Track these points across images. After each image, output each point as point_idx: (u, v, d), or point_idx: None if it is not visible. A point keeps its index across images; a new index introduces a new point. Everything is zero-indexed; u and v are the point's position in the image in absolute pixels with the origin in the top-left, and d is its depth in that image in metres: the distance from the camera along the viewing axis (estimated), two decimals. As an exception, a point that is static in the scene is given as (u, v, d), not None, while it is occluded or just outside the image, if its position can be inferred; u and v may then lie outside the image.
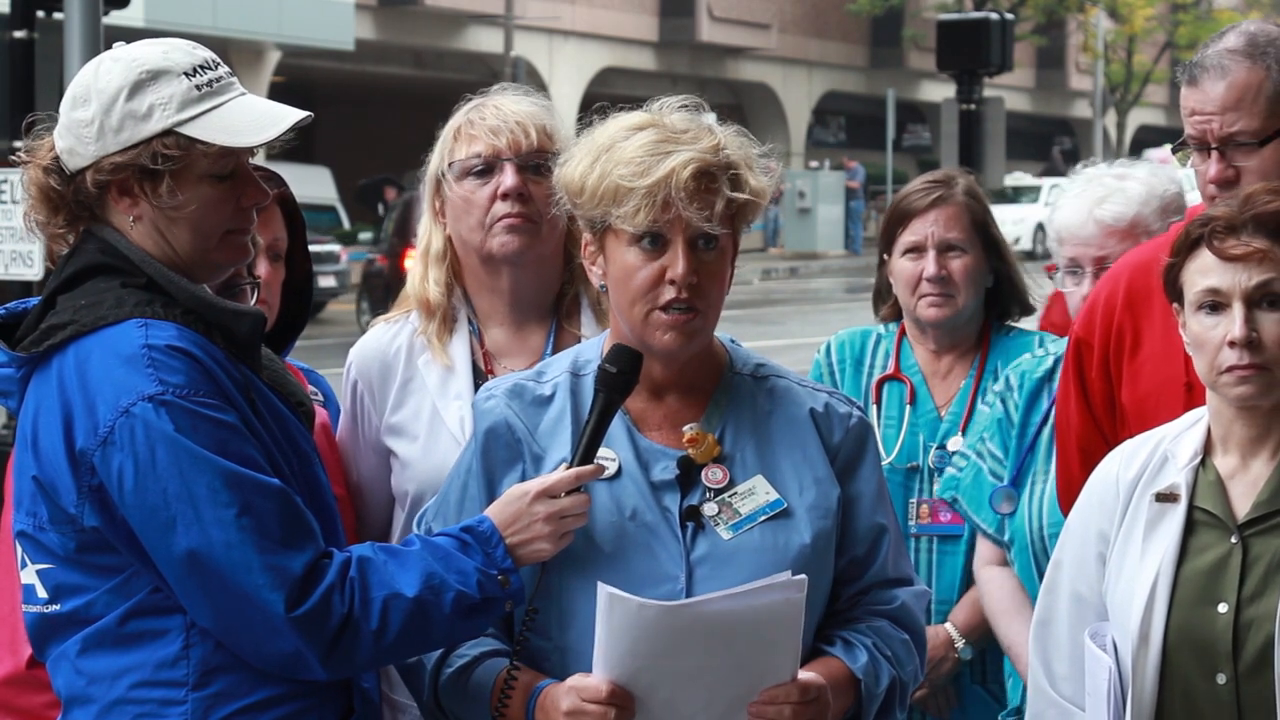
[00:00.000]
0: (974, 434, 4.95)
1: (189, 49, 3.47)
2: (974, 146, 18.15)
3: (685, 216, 3.47)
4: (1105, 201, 4.82)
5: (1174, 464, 3.63)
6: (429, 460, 4.25)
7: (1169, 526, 3.58)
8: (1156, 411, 4.11)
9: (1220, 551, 3.55)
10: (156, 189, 3.40)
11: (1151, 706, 3.54)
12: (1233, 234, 3.53)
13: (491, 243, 4.29)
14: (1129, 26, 53.16)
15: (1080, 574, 3.70)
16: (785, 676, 3.43)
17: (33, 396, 3.40)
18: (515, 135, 4.28)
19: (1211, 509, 3.57)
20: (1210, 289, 3.55)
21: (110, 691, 3.36)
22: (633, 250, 3.52)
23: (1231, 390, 3.53)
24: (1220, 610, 3.51)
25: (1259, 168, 4.10)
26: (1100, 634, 3.62)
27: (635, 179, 3.47)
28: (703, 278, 3.51)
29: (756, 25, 49.15)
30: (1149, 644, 3.54)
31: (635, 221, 3.48)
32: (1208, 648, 3.51)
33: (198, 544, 3.26)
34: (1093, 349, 4.36)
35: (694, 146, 3.50)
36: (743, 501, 3.57)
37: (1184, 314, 3.63)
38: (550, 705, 3.45)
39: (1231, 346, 3.51)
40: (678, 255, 3.49)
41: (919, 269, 5.09)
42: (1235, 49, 4.12)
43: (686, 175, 3.47)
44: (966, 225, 5.11)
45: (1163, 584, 3.55)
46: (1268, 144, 4.10)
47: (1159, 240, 4.45)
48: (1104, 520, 3.67)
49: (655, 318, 3.52)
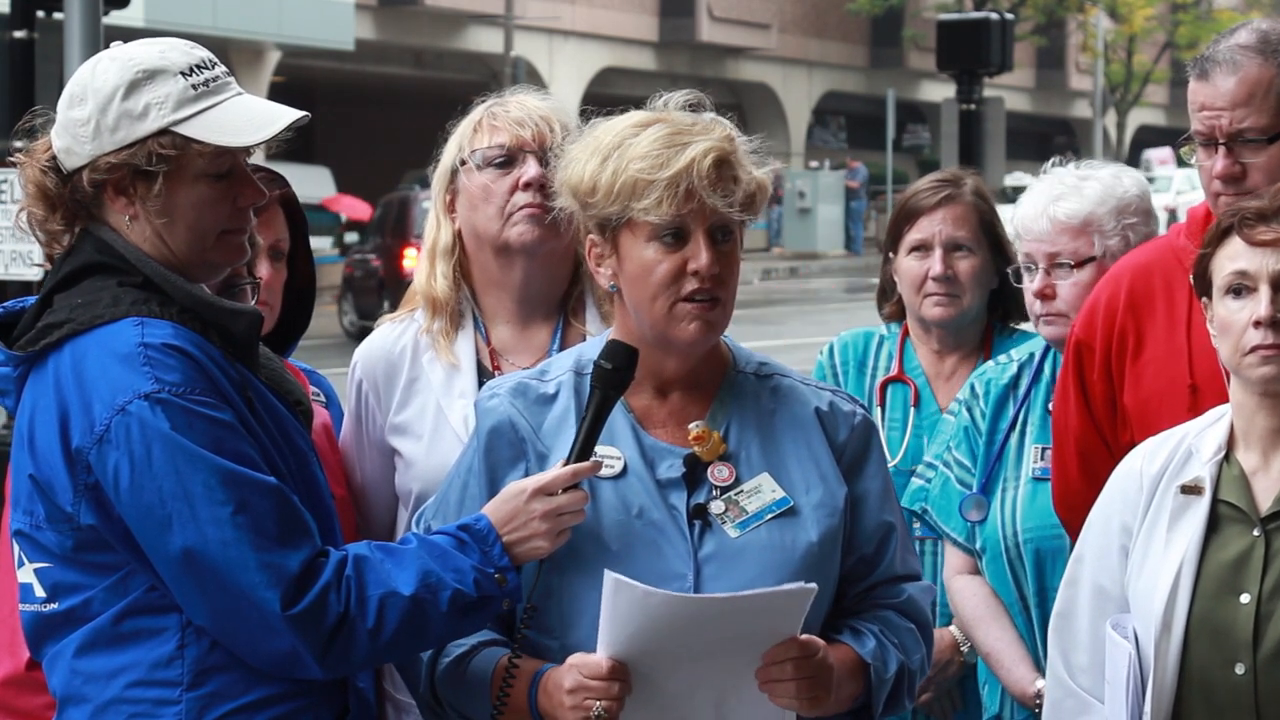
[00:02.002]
0: (939, 444, 4.94)
1: (186, 48, 3.46)
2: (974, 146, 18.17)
3: (710, 204, 3.49)
4: (1061, 199, 4.81)
5: (1198, 458, 3.67)
6: (433, 459, 4.24)
7: (1193, 518, 3.62)
8: (1160, 413, 4.11)
9: (1243, 544, 3.59)
10: (153, 188, 3.39)
11: (1171, 695, 3.58)
12: (1263, 221, 3.60)
13: (510, 232, 4.29)
14: (1129, 26, 53.18)
15: (1102, 566, 3.73)
16: None
17: (29, 395, 3.39)
18: (540, 129, 4.30)
19: (1235, 502, 3.61)
20: (1238, 271, 3.60)
21: (105, 691, 3.35)
22: (652, 245, 3.52)
23: (1255, 371, 3.57)
24: (1243, 601, 3.55)
25: (1266, 165, 4.10)
26: (1122, 625, 3.66)
27: (655, 171, 3.48)
28: (722, 268, 3.53)
29: (756, 25, 49.16)
30: (1171, 633, 3.57)
31: (659, 212, 3.48)
32: (1228, 637, 3.55)
33: (194, 542, 3.25)
34: (1094, 351, 4.35)
35: (709, 136, 3.53)
36: (749, 499, 3.57)
37: (1211, 305, 3.67)
38: (553, 686, 3.46)
39: (1257, 327, 3.56)
40: (700, 246, 3.51)
41: (925, 268, 5.07)
42: (1248, 45, 4.12)
43: (708, 164, 3.49)
44: (974, 225, 5.10)
45: (1186, 574, 3.58)
46: (1276, 141, 4.09)
47: (1159, 242, 4.45)
48: (1127, 513, 3.71)
49: (680, 309, 3.53)
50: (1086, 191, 4.81)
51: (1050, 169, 4.97)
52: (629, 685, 3.41)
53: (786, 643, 3.42)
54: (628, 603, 3.35)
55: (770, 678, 3.43)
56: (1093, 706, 3.71)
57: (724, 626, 3.40)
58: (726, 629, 3.40)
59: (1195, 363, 4.18)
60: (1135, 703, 3.59)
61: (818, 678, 3.45)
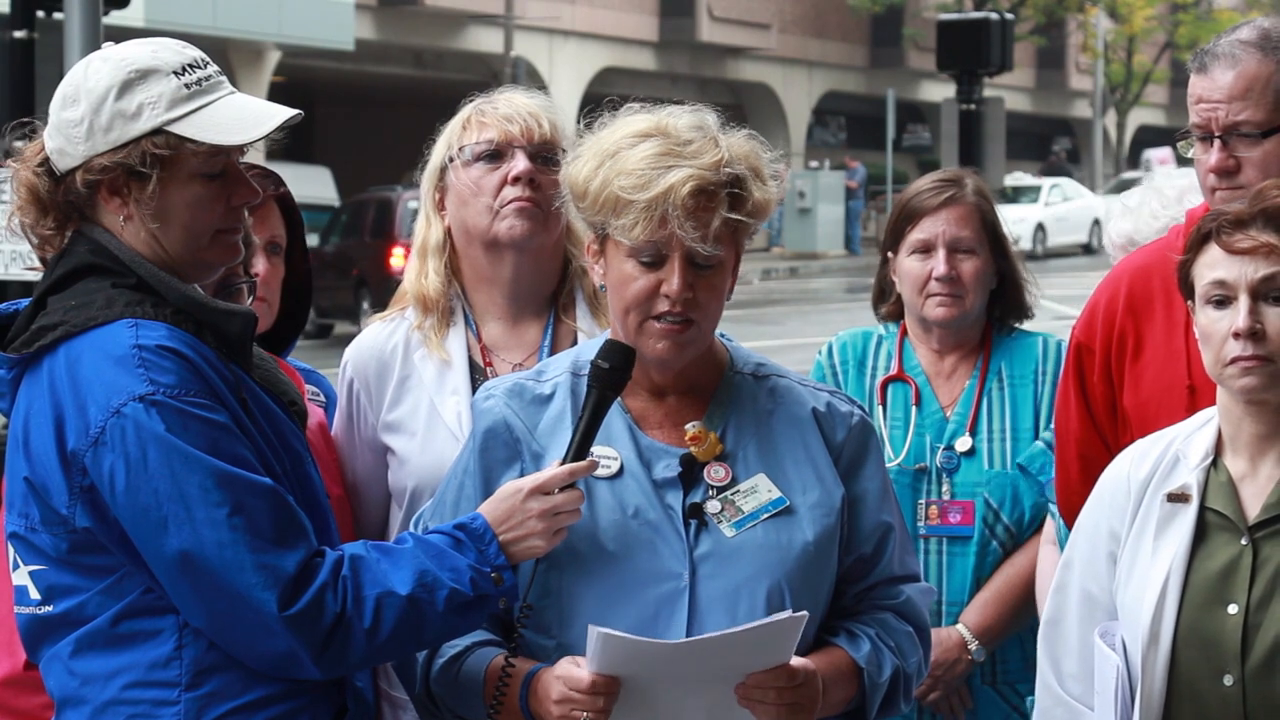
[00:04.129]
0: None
1: (178, 48, 3.45)
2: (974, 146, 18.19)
3: (679, 235, 3.46)
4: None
5: (1185, 464, 3.64)
6: (426, 456, 4.24)
7: (1180, 527, 3.59)
8: (1159, 415, 4.11)
9: (1231, 553, 3.56)
10: (147, 188, 3.38)
11: (1160, 706, 3.55)
12: (1241, 228, 3.56)
13: (499, 226, 4.29)
14: (1129, 26, 53.22)
15: (1090, 573, 3.71)
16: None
17: (24, 397, 3.38)
18: (528, 124, 4.31)
19: (1223, 510, 3.58)
20: (1217, 281, 3.57)
21: (103, 692, 3.35)
22: (630, 262, 3.52)
23: (1236, 382, 3.54)
24: (1230, 611, 3.52)
25: (1260, 160, 4.10)
26: (1110, 633, 3.63)
27: (634, 192, 3.47)
28: (699, 292, 3.51)
29: (756, 25, 49.16)
30: (1159, 643, 3.55)
31: (632, 236, 3.48)
32: (1216, 648, 3.52)
33: (190, 544, 3.25)
34: (1094, 353, 4.35)
35: (695, 162, 3.49)
36: (745, 499, 3.57)
37: (1194, 310, 3.65)
38: (542, 693, 3.46)
39: (1236, 338, 3.53)
40: (674, 271, 3.49)
41: (928, 268, 5.06)
42: (1248, 40, 4.13)
43: (685, 193, 3.46)
44: (977, 225, 5.10)
45: (1173, 584, 3.56)
46: (1270, 136, 4.09)
47: (1158, 243, 4.45)
48: (1115, 519, 3.68)
49: (649, 327, 3.52)
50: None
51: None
52: (615, 696, 3.41)
53: (775, 670, 3.42)
54: (615, 651, 3.36)
55: (752, 698, 3.43)
56: (1083, 715, 3.69)
57: (716, 660, 3.40)
58: (719, 662, 3.41)
59: (1194, 364, 4.17)
60: (1124, 714, 3.57)
61: (800, 703, 3.46)
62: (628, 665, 3.38)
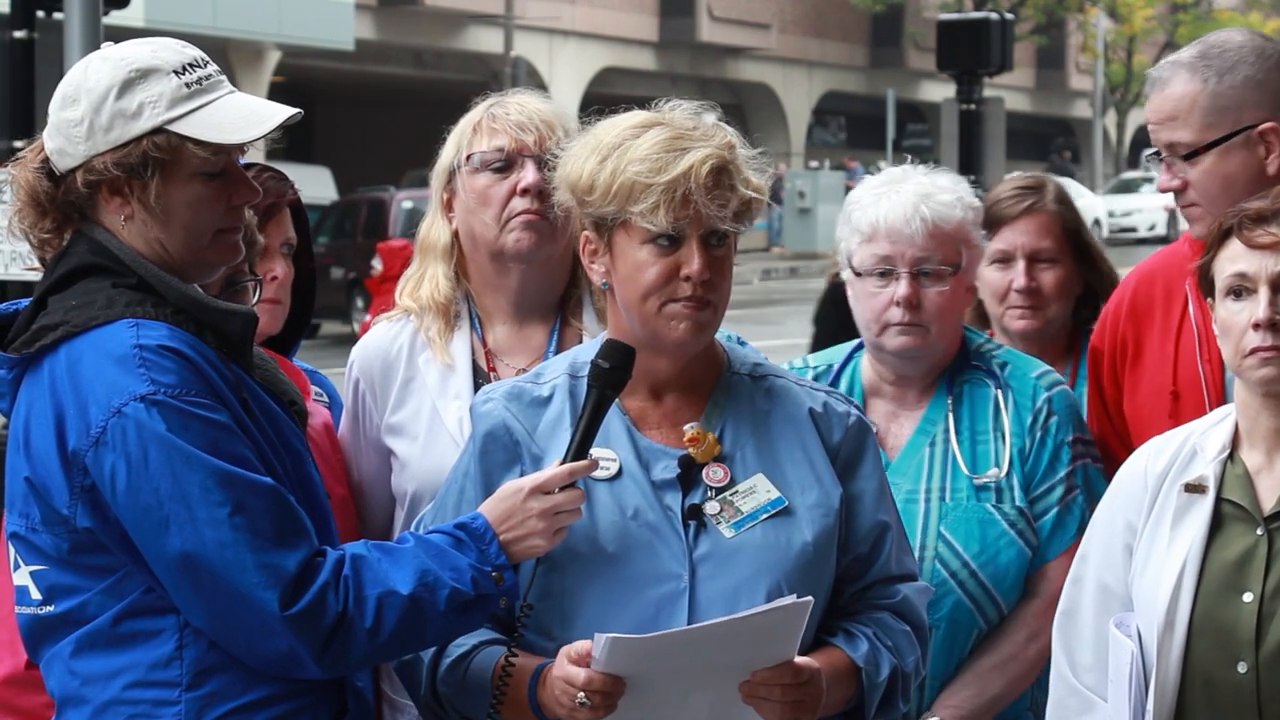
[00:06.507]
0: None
1: (178, 47, 3.45)
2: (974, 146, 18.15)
3: (705, 213, 3.49)
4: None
5: (1202, 457, 3.68)
6: (428, 460, 4.24)
7: (1197, 516, 3.64)
8: (1149, 420, 4.15)
9: (1247, 543, 3.60)
10: (148, 188, 3.38)
11: (1174, 693, 3.60)
12: (1261, 224, 3.61)
13: (506, 239, 4.26)
14: (1129, 26, 53.23)
15: (1106, 564, 3.75)
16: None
17: (24, 397, 3.38)
18: (541, 133, 4.27)
19: (1239, 501, 3.63)
20: (1238, 273, 3.62)
21: (104, 692, 3.35)
22: (646, 248, 3.53)
23: (1255, 373, 3.59)
24: (1245, 600, 3.57)
25: (1199, 179, 4.12)
26: (1125, 623, 3.67)
27: (653, 175, 3.48)
28: (714, 273, 3.54)
29: (756, 25, 49.15)
30: (1174, 631, 3.59)
31: (655, 219, 3.49)
32: (1231, 636, 3.56)
33: (191, 544, 3.25)
34: (1102, 357, 4.39)
35: (709, 143, 3.53)
36: (744, 500, 3.58)
37: (1214, 307, 3.69)
38: (550, 680, 3.46)
39: (1256, 329, 3.57)
40: (693, 253, 3.51)
41: (1008, 279, 4.96)
42: (1180, 60, 4.18)
43: (705, 171, 3.49)
44: (1058, 234, 4.99)
45: (1189, 572, 3.60)
46: (1202, 154, 4.10)
47: (1170, 248, 4.49)
48: (1131, 511, 3.72)
49: (669, 309, 3.53)
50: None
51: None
52: (617, 695, 3.40)
53: (780, 668, 3.43)
54: (624, 653, 3.36)
55: (757, 695, 3.44)
56: (1096, 705, 3.73)
57: (723, 649, 3.40)
58: (726, 651, 3.41)
59: (1179, 369, 4.21)
60: (1138, 701, 3.61)
61: (804, 701, 3.46)
62: (635, 665, 3.38)
